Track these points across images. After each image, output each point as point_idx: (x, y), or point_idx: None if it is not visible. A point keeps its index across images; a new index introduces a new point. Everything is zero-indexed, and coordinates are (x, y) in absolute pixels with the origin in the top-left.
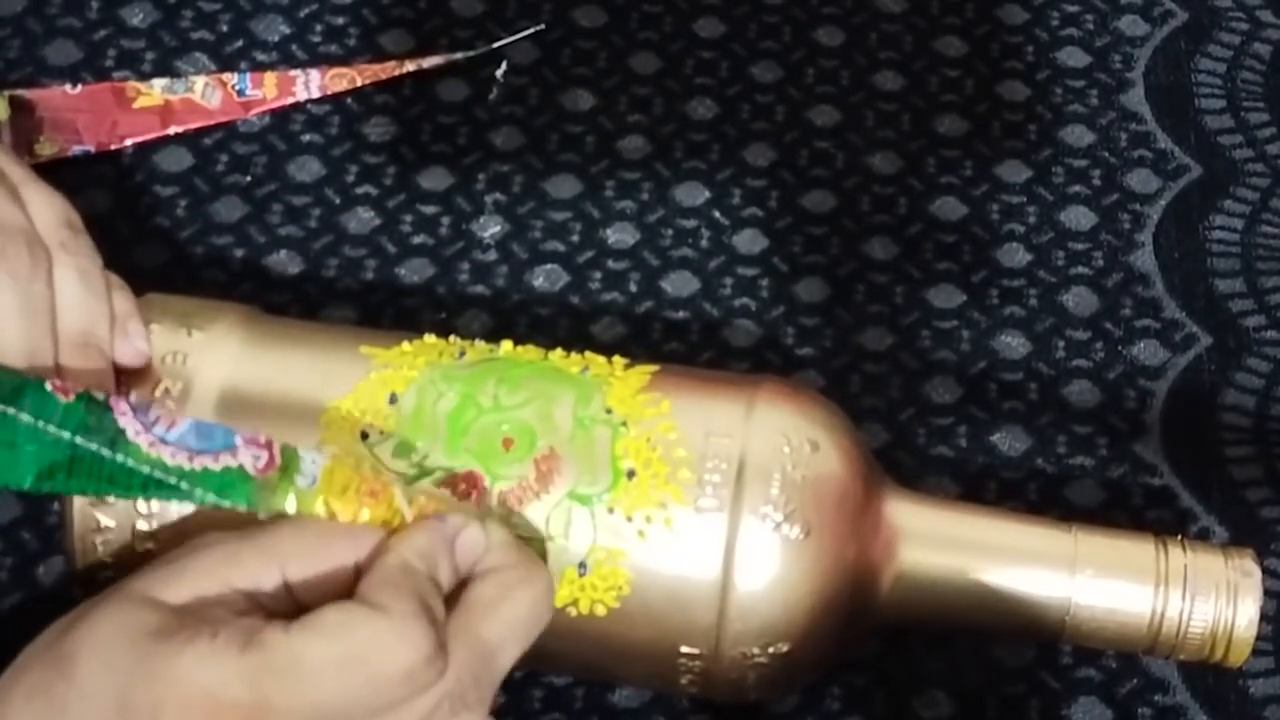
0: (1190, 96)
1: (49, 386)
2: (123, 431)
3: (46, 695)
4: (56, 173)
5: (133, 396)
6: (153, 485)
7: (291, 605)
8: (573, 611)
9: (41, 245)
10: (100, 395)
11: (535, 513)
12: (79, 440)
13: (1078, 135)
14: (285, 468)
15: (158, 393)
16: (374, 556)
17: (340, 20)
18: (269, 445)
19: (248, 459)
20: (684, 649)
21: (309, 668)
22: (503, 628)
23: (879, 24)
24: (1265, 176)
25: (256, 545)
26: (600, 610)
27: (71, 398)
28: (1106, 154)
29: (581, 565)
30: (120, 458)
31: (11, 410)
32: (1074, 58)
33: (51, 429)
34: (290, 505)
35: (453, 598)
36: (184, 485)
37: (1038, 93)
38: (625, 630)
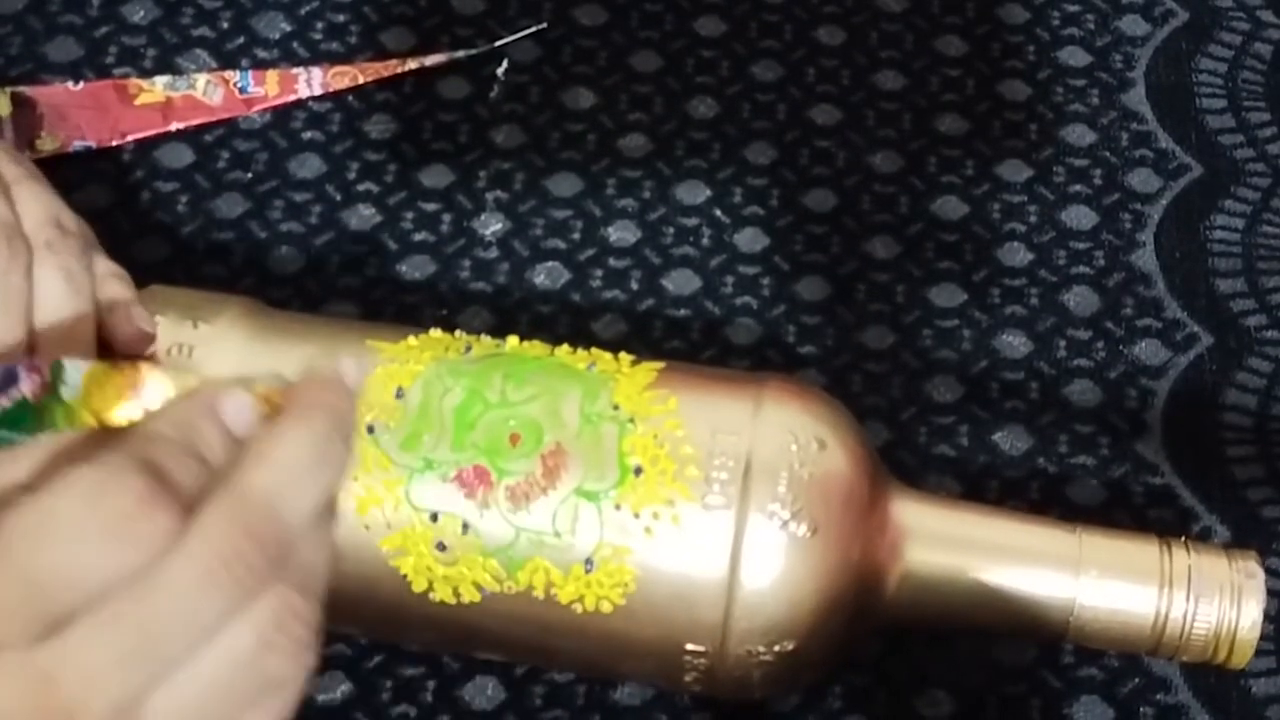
0: (1191, 96)
1: None
2: None
3: None
4: (57, 168)
5: None
6: None
7: None
8: (578, 608)
9: (22, 239)
10: None
11: (542, 508)
12: None
13: (1079, 135)
14: (52, 384)
15: None
16: None
17: (341, 18)
18: (37, 367)
19: (28, 387)
20: (689, 646)
21: (5, 540)
22: (280, 471)
23: (880, 23)
24: (1266, 176)
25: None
26: (606, 607)
27: None
28: (1107, 153)
29: (588, 562)
30: None
31: None
32: (1075, 57)
33: None
34: (61, 423)
35: None
36: None
37: (1039, 92)
38: (631, 627)
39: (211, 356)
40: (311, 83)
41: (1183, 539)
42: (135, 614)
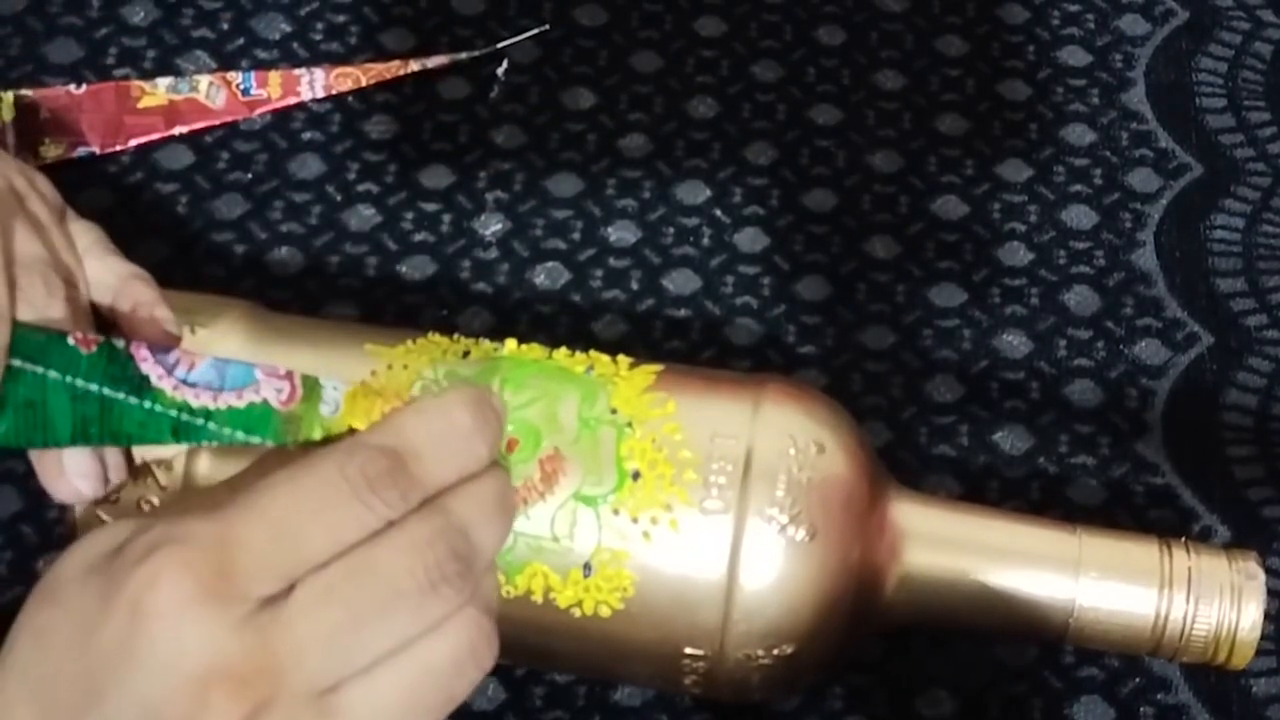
0: (1191, 96)
1: (71, 340)
2: (146, 378)
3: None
4: (59, 169)
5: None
6: (182, 429)
7: None
8: (577, 612)
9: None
10: (120, 343)
11: (540, 513)
12: (106, 391)
13: (1079, 134)
14: (308, 397)
15: None
16: None
17: (341, 18)
18: (290, 376)
19: (270, 392)
20: (688, 650)
21: (263, 492)
22: (475, 506)
23: (880, 23)
24: (1266, 176)
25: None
26: (605, 611)
27: (94, 348)
28: (1108, 153)
29: (586, 566)
30: (148, 404)
31: (39, 368)
32: (1075, 57)
33: (79, 382)
34: (317, 434)
35: None
36: (211, 425)
37: (1039, 92)
38: (629, 631)
39: None
40: (314, 84)
41: (1183, 540)
42: (349, 596)
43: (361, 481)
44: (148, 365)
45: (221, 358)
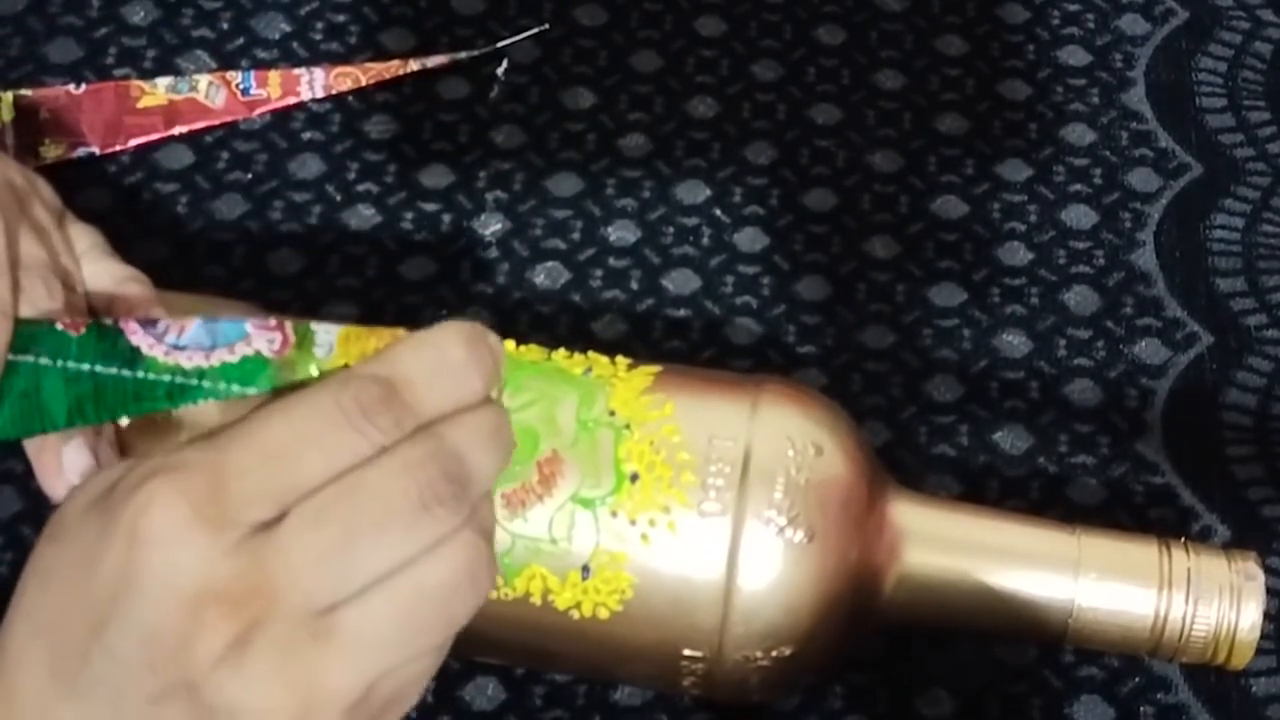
0: (1191, 95)
1: (59, 326)
2: (137, 349)
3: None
4: (59, 170)
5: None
6: (177, 392)
7: None
8: (575, 614)
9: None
10: (108, 321)
11: (538, 515)
12: (99, 369)
13: (1079, 134)
14: (301, 344)
15: None
16: None
17: (341, 18)
18: (280, 326)
19: (263, 344)
20: (687, 652)
21: (256, 418)
22: (469, 433)
23: (880, 22)
24: (1266, 175)
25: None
26: (603, 613)
27: (82, 330)
28: (1108, 153)
29: (585, 568)
30: (141, 374)
31: (29, 358)
32: (1075, 56)
33: (71, 365)
34: (313, 376)
35: None
36: (206, 384)
37: (1039, 91)
38: (628, 633)
39: None
40: (314, 84)
41: (1182, 540)
42: (342, 517)
43: (355, 408)
44: (137, 337)
45: (211, 318)
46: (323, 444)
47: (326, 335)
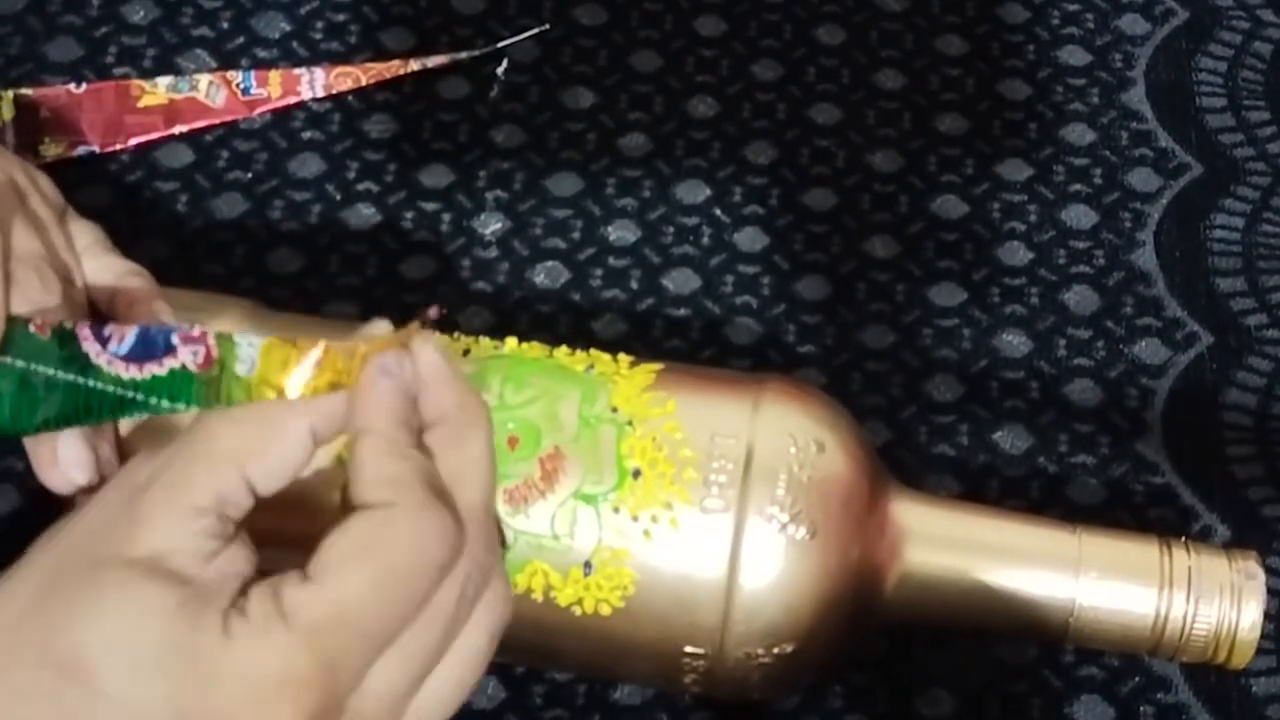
0: (1191, 95)
1: (32, 327)
2: (87, 355)
3: (55, 703)
4: (59, 168)
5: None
6: (118, 405)
7: (257, 500)
8: (577, 611)
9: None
10: (69, 324)
11: (541, 512)
12: (60, 373)
13: (1079, 134)
14: (223, 359)
15: None
16: (330, 420)
17: (341, 17)
18: (203, 338)
19: (187, 357)
20: (688, 649)
21: (351, 606)
22: (482, 483)
23: (880, 22)
24: (1266, 175)
25: (201, 458)
26: (605, 610)
27: (48, 333)
28: (1107, 153)
29: (587, 565)
30: (91, 382)
31: (8, 359)
32: (1075, 56)
33: (39, 368)
34: (238, 396)
35: None
36: (139, 396)
37: (1039, 91)
38: (630, 630)
39: None
40: (314, 84)
41: (1183, 539)
42: (422, 644)
43: (439, 564)
44: (88, 344)
45: (147, 325)
46: (413, 610)
47: (249, 350)
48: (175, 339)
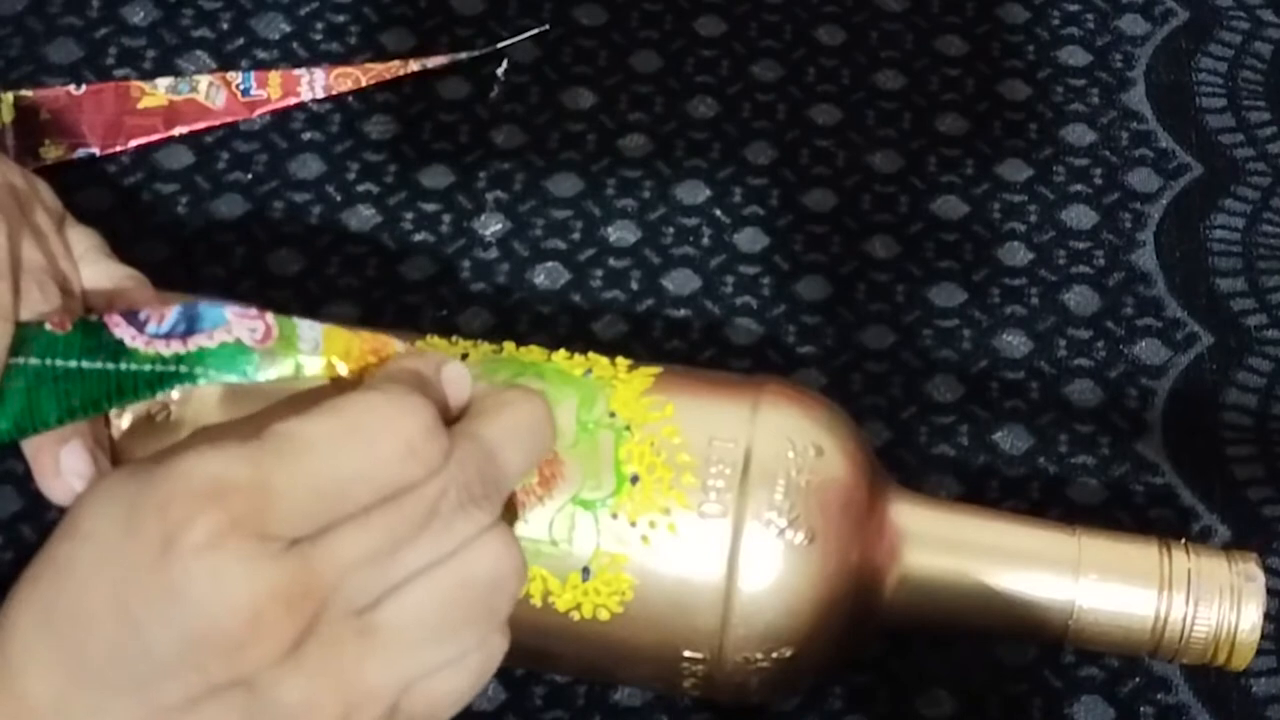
0: (1191, 95)
1: (48, 326)
2: (120, 341)
3: (51, 562)
4: (59, 170)
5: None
6: (157, 381)
7: None
8: (576, 616)
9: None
10: (94, 317)
11: (539, 517)
12: (85, 364)
13: (1079, 134)
14: (285, 337)
15: None
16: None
17: (341, 18)
18: (262, 316)
19: (244, 332)
20: (687, 653)
21: (305, 442)
22: (501, 430)
23: (880, 23)
24: (1266, 175)
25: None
26: (604, 615)
27: (69, 328)
28: (1108, 153)
29: (585, 570)
30: (124, 365)
31: (21, 359)
32: (1075, 56)
33: (59, 362)
34: (296, 369)
35: None
36: (183, 369)
37: (1039, 92)
38: (628, 635)
39: None
40: (314, 85)
41: (1182, 541)
42: (389, 523)
43: (409, 441)
44: (120, 330)
45: (191, 303)
46: (373, 481)
47: (311, 331)
48: (229, 314)
